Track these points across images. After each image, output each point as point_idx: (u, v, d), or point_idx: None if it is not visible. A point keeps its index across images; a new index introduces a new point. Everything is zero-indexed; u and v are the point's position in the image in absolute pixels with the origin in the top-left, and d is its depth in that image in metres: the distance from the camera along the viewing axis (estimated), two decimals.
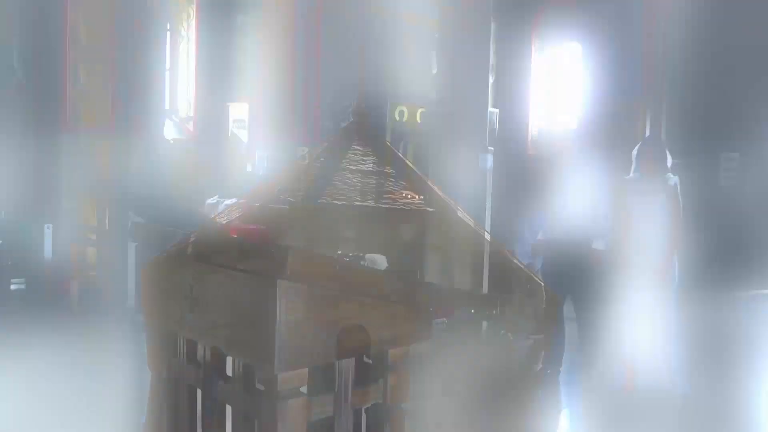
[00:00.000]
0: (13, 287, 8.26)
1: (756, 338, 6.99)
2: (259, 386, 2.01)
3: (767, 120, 10.32)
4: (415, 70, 10.12)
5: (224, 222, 3.17)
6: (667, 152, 4.18)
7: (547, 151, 11.15)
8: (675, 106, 9.40)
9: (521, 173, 10.91)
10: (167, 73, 8.94)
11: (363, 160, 2.61)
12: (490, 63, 7.01)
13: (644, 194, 4.10)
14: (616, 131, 9.22)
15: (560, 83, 11.59)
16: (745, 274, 10.34)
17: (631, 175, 4.26)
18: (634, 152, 4.25)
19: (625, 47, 9.30)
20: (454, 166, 6.53)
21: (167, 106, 9.06)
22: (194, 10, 10.06)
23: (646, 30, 9.11)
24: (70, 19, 7.91)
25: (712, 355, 6.17)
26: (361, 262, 2.89)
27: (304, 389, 1.97)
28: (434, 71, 9.18)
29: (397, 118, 9.70)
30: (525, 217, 4.94)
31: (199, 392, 2.45)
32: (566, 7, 10.97)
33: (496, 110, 10.91)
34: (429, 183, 2.35)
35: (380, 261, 3.14)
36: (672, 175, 4.07)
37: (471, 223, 2.24)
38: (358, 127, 2.59)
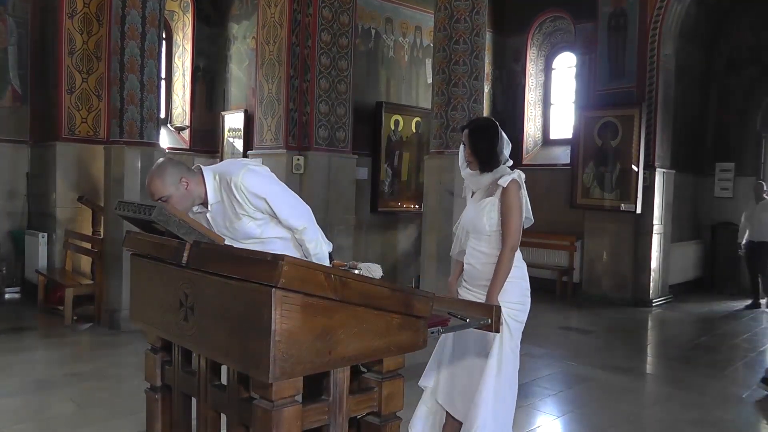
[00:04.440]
0: (7, 296, 8.25)
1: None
2: (254, 395, 2.01)
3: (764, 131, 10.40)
4: (411, 80, 10.16)
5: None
6: (501, 143, 3.44)
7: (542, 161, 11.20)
8: (668, 116, 9.45)
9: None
10: (163, 82, 8.95)
11: None
12: (485, 72, 7.03)
13: (474, 193, 3.55)
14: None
15: (555, 93, 11.65)
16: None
17: (462, 172, 3.61)
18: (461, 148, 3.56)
19: (619, 58, 9.35)
20: (449, 175, 6.54)
21: (163, 115, 9.06)
22: (190, 19, 10.10)
23: (641, 40, 9.16)
24: (66, 29, 7.93)
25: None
26: (357, 271, 2.89)
27: (298, 398, 1.97)
28: (429, 81, 9.21)
29: (392, 127, 9.74)
30: None
31: (194, 401, 2.45)
32: (561, 18, 11.04)
33: None
34: None
35: (375, 269, 3.15)
36: (508, 171, 3.39)
37: None
38: None
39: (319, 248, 3.11)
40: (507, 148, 3.48)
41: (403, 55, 10.02)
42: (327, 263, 3.11)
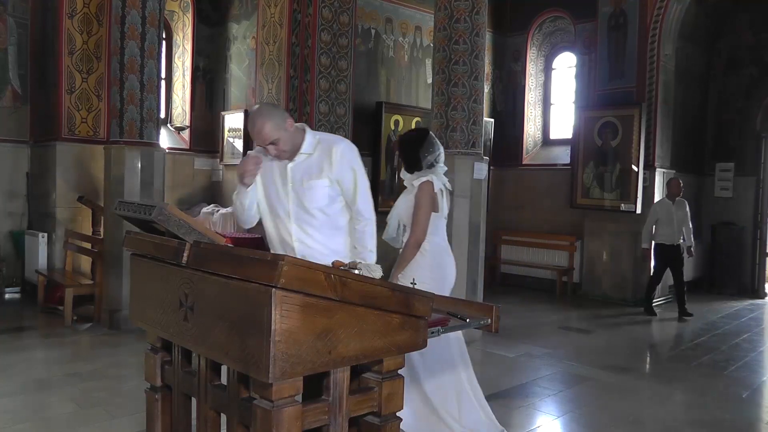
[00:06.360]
0: (7, 296, 8.24)
1: None
2: (254, 395, 2.01)
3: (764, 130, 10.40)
4: (411, 80, 10.15)
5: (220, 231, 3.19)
6: (423, 151, 3.96)
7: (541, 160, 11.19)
8: (668, 116, 9.45)
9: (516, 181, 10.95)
10: (163, 82, 8.95)
11: None
12: (485, 72, 7.02)
13: (406, 192, 4.08)
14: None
15: (555, 93, 11.64)
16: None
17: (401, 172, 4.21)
18: None
19: (619, 58, 9.35)
20: (448, 175, 6.53)
21: (163, 115, 9.06)
22: (190, 19, 10.09)
23: (641, 40, 9.16)
24: (66, 29, 7.93)
25: None
26: (357, 271, 2.89)
27: (298, 398, 1.97)
28: (429, 81, 9.20)
29: (393, 127, 9.73)
30: None
31: (194, 401, 2.45)
32: (561, 18, 11.04)
33: (491, 120, 10.96)
34: None
35: (375, 269, 3.15)
36: (427, 173, 3.94)
37: None
38: None
39: (374, 246, 3.18)
40: (432, 155, 3.99)
41: (403, 55, 10.02)
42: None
